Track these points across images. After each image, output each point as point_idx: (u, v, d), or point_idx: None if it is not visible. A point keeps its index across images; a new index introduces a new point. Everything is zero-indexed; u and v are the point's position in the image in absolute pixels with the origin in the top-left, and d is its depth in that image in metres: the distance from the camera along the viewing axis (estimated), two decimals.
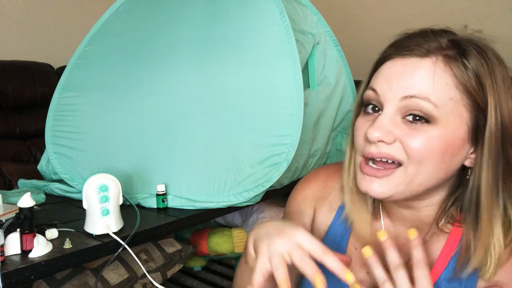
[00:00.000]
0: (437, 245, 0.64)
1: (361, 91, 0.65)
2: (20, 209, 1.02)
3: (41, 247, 1.04)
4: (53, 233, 1.15)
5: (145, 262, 1.58)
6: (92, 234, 1.16)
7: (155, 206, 1.44)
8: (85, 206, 1.16)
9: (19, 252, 1.03)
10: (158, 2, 1.76)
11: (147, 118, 1.59)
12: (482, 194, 0.58)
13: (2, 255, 0.99)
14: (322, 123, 1.76)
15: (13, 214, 1.10)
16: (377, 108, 0.61)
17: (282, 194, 1.68)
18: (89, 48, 1.74)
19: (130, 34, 1.75)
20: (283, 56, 1.49)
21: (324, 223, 0.74)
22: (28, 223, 1.03)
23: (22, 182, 1.72)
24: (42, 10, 2.43)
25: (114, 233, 1.16)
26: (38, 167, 1.77)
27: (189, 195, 1.47)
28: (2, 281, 0.92)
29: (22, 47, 2.34)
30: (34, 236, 1.04)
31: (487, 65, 0.58)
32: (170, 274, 1.67)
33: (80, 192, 1.36)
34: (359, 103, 0.65)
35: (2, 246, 1.00)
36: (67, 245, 1.09)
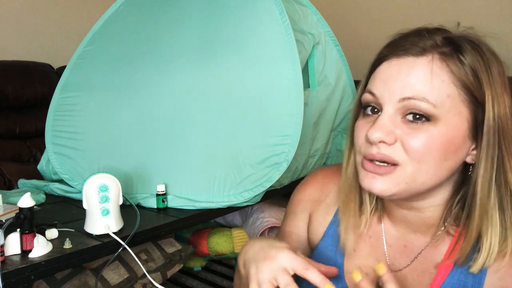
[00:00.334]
0: (441, 249, 0.64)
1: (359, 93, 0.65)
2: (20, 209, 1.02)
3: (41, 247, 1.04)
4: (53, 233, 1.15)
5: (145, 262, 1.58)
6: (92, 234, 1.16)
7: (155, 206, 1.44)
8: (85, 206, 1.16)
9: (19, 252, 1.03)
10: (158, 2, 1.76)
11: (147, 118, 1.59)
12: (478, 188, 0.58)
13: (2, 255, 0.99)
14: (322, 123, 1.76)
15: (13, 214, 1.10)
16: (376, 109, 0.61)
17: (282, 194, 1.68)
18: (89, 48, 1.74)
19: (130, 34, 1.75)
20: (283, 56, 1.49)
21: (321, 225, 0.74)
22: (28, 223, 1.03)
23: (22, 182, 1.72)
24: (42, 11, 2.43)
25: (114, 233, 1.16)
26: (38, 167, 1.77)
27: (189, 195, 1.47)
28: (2, 281, 0.92)
29: (22, 47, 2.34)
30: (34, 236, 1.04)
31: (483, 60, 0.58)
32: (170, 274, 1.67)
33: (80, 192, 1.36)
34: (358, 105, 0.65)
35: (2, 246, 1.00)
36: (67, 245, 1.09)
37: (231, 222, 2.03)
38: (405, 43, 0.59)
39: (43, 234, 1.11)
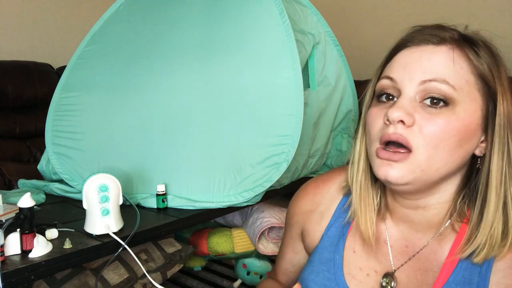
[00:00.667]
0: (444, 246, 0.64)
1: (373, 83, 0.67)
2: (20, 209, 1.02)
3: (41, 247, 1.04)
4: (53, 233, 1.14)
5: (145, 262, 1.58)
6: (92, 234, 1.16)
7: (155, 206, 1.44)
8: (85, 206, 1.16)
9: (19, 252, 1.03)
10: (158, 3, 1.76)
11: (147, 118, 1.59)
12: (493, 180, 0.60)
13: (2, 255, 0.99)
14: (322, 123, 1.76)
15: (13, 214, 1.10)
16: (391, 96, 0.62)
17: (282, 194, 1.68)
18: (89, 48, 1.74)
19: (130, 34, 1.75)
20: (283, 56, 1.48)
21: (318, 230, 0.76)
22: (28, 223, 1.03)
23: (22, 182, 1.72)
24: (42, 10, 2.43)
25: (114, 233, 1.16)
26: (38, 167, 1.77)
27: (189, 195, 1.47)
28: (2, 281, 0.92)
29: (22, 47, 2.34)
30: (34, 236, 1.04)
31: (494, 58, 0.61)
32: (170, 274, 1.67)
33: (80, 192, 1.36)
34: (371, 95, 0.67)
35: (2, 246, 1.00)
36: (67, 245, 1.09)
37: (231, 222, 2.03)
38: (423, 33, 0.62)
39: (43, 234, 1.11)
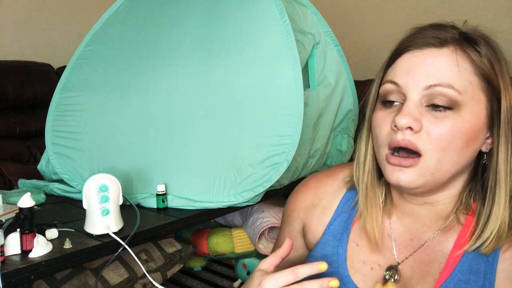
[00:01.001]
0: (449, 238, 0.64)
1: (375, 86, 0.67)
2: (20, 209, 1.02)
3: (41, 247, 1.04)
4: (53, 233, 1.14)
5: (145, 262, 1.58)
6: (92, 234, 1.16)
7: (155, 206, 1.44)
8: (85, 206, 1.16)
9: (19, 252, 1.03)
10: (158, 3, 1.76)
11: (147, 118, 1.59)
12: (502, 175, 0.60)
13: (2, 255, 0.99)
14: (322, 123, 1.76)
15: (13, 214, 1.10)
16: (394, 100, 0.62)
17: (282, 194, 1.68)
18: (89, 48, 1.74)
19: (130, 34, 1.75)
20: (283, 56, 1.49)
21: (320, 225, 0.75)
22: (28, 223, 1.03)
23: (22, 182, 1.72)
24: (42, 10, 2.43)
25: (114, 233, 1.16)
26: (38, 167, 1.77)
27: (189, 195, 1.47)
28: (2, 281, 0.92)
29: (22, 47, 2.34)
30: (34, 236, 1.04)
31: (495, 53, 0.61)
32: (170, 274, 1.67)
33: (80, 192, 1.36)
34: (374, 98, 0.66)
35: (2, 246, 1.00)
36: (67, 245, 1.09)
37: (231, 222, 2.03)
38: (424, 36, 0.61)
39: (43, 234, 1.11)
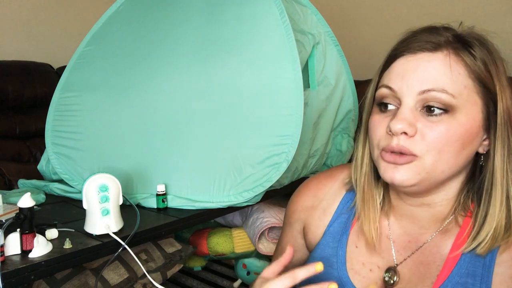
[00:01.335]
0: (447, 239, 0.65)
1: (371, 89, 0.67)
2: (20, 209, 1.02)
3: (41, 247, 1.04)
4: (53, 233, 1.14)
5: (145, 262, 1.58)
6: (92, 234, 1.16)
7: (155, 206, 1.44)
8: (85, 206, 1.16)
9: (19, 252, 1.03)
10: (158, 3, 1.76)
11: (147, 118, 1.59)
12: (498, 176, 0.60)
13: (2, 255, 0.99)
14: (322, 123, 1.76)
15: (13, 214, 1.10)
16: (390, 104, 0.62)
17: (282, 194, 1.68)
18: (89, 48, 1.74)
19: (130, 34, 1.75)
20: (283, 56, 1.49)
21: (320, 227, 0.76)
22: (28, 223, 1.03)
23: (22, 182, 1.72)
24: (42, 10, 2.43)
25: (114, 233, 1.16)
26: (38, 167, 1.77)
27: (189, 195, 1.47)
28: (2, 281, 0.92)
29: (22, 47, 2.34)
30: (34, 236, 1.04)
31: (490, 54, 0.60)
32: (170, 274, 1.67)
33: (80, 192, 1.36)
34: (370, 102, 0.67)
35: (2, 246, 1.00)
36: (67, 245, 1.09)
37: (231, 222, 2.03)
38: (418, 40, 0.61)
39: (43, 234, 1.11)
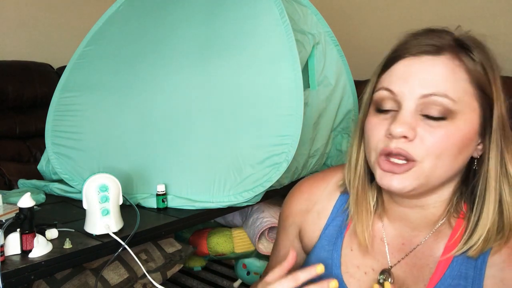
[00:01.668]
0: (440, 242, 0.64)
1: (368, 91, 0.66)
2: (20, 209, 1.02)
3: (41, 247, 1.04)
4: (53, 233, 1.14)
5: (145, 262, 1.58)
6: (92, 234, 1.16)
7: (155, 206, 1.44)
8: (85, 206, 1.16)
9: (19, 252, 1.03)
10: (158, 3, 1.77)
11: (147, 118, 1.59)
12: (492, 181, 0.60)
13: (2, 255, 0.99)
14: (322, 123, 1.76)
15: (13, 214, 1.10)
16: (389, 107, 0.62)
17: (282, 194, 1.67)
18: (89, 48, 1.74)
19: (130, 34, 1.75)
20: (283, 56, 1.48)
21: (315, 230, 0.76)
22: (28, 223, 1.03)
23: (22, 182, 1.72)
24: (42, 10, 2.43)
25: (114, 233, 1.16)
26: (38, 167, 1.77)
27: (189, 195, 1.46)
28: (2, 281, 0.92)
29: (22, 47, 2.34)
30: (34, 236, 1.04)
31: (488, 58, 0.60)
32: (170, 274, 1.67)
33: (80, 192, 1.36)
34: (367, 103, 0.66)
35: (2, 246, 1.00)
36: (67, 245, 1.09)
37: (231, 222, 2.03)
38: (420, 43, 0.61)
39: (43, 234, 1.11)
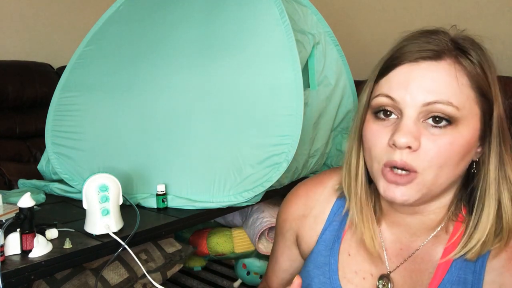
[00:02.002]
0: (438, 246, 0.64)
1: (366, 96, 0.64)
2: (20, 209, 1.02)
3: (41, 247, 1.04)
4: (53, 233, 1.14)
5: (145, 262, 1.58)
6: (92, 234, 1.16)
7: (155, 206, 1.44)
8: (85, 206, 1.16)
9: (19, 252, 1.03)
10: (158, 3, 1.76)
11: (147, 118, 1.59)
12: (492, 184, 0.60)
13: (2, 255, 0.99)
14: (322, 123, 1.76)
15: (13, 214, 1.10)
16: (388, 113, 0.60)
17: (282, 194, 1.67)
18: (89, 48, 1.74)
19: (130, 34, 1.75)
20: (283, 56, 1.48)
21: (313, 235, 0.75)
22: (28, 223, 1.03)
23: (22, 182, 1.72)
24: (42, 10, 2.43)
25: (114, 233, 1.16)
26: (38, 167, 1.77)
27: (189, 195, 1.46)
28: (2, 281, 0.92)
29: (22, 47, 2.34)
30: (34, 236, 1.04)
31: (485, 57, 0.59)
32: (170, 274, 1.67)
33: (80, 192, 1.36)
34: (365, 109, 0.64)
35: (2, 246, 1.00)
36: (67, 245, 1.09)
37: (231, 222, 2.03)
38: (418, 47, 0.58)
39: (43, 234, 1.11)
